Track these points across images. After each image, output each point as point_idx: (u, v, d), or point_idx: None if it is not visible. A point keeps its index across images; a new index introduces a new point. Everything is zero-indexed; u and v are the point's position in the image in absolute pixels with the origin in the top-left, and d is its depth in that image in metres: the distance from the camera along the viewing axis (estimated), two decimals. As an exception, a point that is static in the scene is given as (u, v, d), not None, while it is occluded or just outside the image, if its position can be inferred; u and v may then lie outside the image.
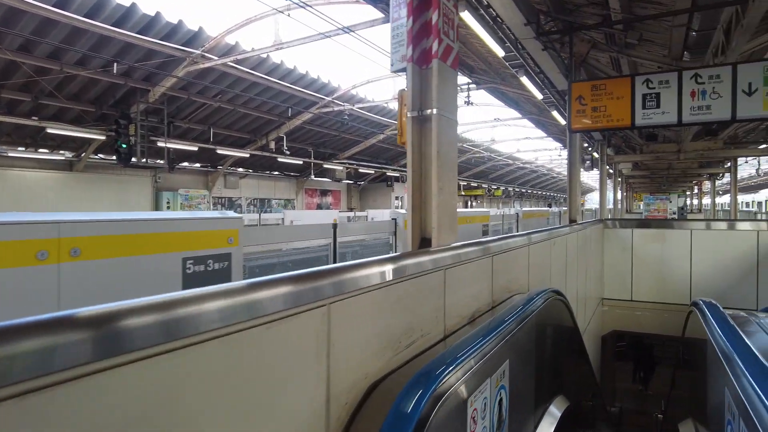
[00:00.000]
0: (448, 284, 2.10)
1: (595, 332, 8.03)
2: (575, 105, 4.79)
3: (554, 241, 4.23)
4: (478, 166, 33.90)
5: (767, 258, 7.57)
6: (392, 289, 1.71)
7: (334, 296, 1.34)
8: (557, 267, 4.45)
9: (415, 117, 2.43)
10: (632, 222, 8.66)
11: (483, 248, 2.58)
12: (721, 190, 31.34)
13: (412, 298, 1.83)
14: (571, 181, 6.57)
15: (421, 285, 1.90)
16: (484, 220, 9.07)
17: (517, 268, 3.22)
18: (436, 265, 2.02)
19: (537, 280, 3.68)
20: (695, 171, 15.75)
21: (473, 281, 2.44)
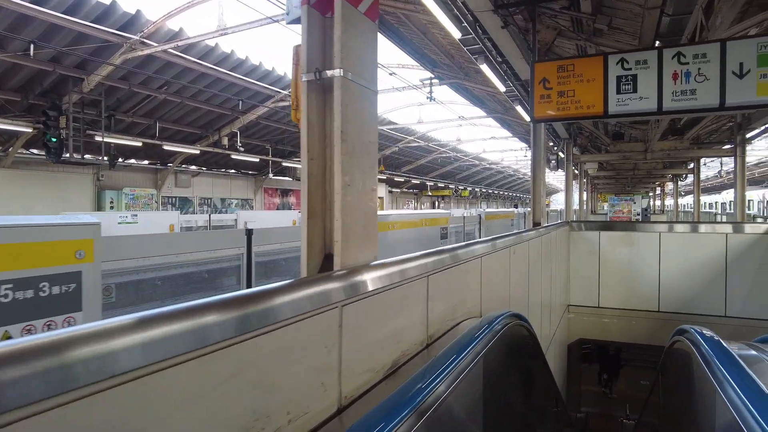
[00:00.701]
0: (347, 326, 1.39)
1: (561, 341, 7.56)
2: (539, 89, 4.11)
3: (514, 248, 3.59)
4: (445, 167, 33.54)
5: (736, 262, 7.25)
6: (232, 352, 0.99)
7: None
8: (518, 277, 3.82)
9: (311, 81, 1.70)
10: (599, 224, 8.22)
11: (414, 266, 1.88)
12: (684, 191, 31.92)
13: (275, 360, 1.11)
14: (535, 180, 5.99)
15: (297, 335, 1.19)
16: (443, 223, 8.46)
17: (466, 287, 2.54)
18: (327, 300, 1.30)
19: (493, 298, 3.03)
20: (660, 172, 15.66)
21: (395, 314, 1.73)
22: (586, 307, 8.06)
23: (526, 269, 4.15)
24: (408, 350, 1.81)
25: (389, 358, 1.67)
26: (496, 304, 3.07)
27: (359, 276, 1.51)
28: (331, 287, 1.34)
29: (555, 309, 6.65)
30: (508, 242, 3.32)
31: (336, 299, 1.34)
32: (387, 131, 20.82)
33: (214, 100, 14.76)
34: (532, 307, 4.50)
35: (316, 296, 1.26)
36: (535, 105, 4.15)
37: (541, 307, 5.12)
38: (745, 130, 9.15)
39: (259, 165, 20.73)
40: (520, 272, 3.92)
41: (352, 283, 1.46)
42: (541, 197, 6.06)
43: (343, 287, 1.41)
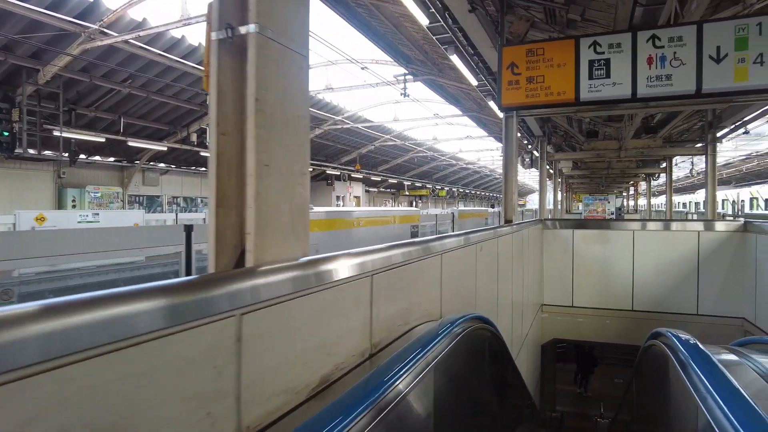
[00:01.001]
0: (250, 339, 1.09)
1: (534, 341, 7.39)
2: (506, 75, 3.87)
3: (481, 245, 3.35)
4: (422, 166, 33.41)
5: (707, 260, 7.19)
6: (45, 382, 0.69)
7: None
8: (486, 277, 3.58)
9: (224, 40, 1.40)
10: (573, 222, 8.08)
11: (352, 264, 1.59)
12: (657, 191, 32.45)
13: (127, 390, 0.82)
14: (507, 176, 5.78)
15: (163, 354, 0.89)
16: (414, 221, 8.21)
17: (423, 287, 2.27)
18: (215, 308, 1.01)
19: (457, 299, 2.77)
20: (633, 171, 15.75)
21: (324, 321, 1.44)
22: (560, 306, 7.91)
23: (495, 268, 3.92)
24: (344, 363, 1.53)
25: (316, 375, 1.38)
26: (460, 305, 2.82)
27: (271, 277, 1.22)
28: (222, 291, 1.04)
29: (528, 309, 6.47)
30: (473, 239, 3.07)
31: (231, 306, 1.04)
32: (362, 129, 20.52)
33: (182, 95, 14.23)
34: (503, 308, 4.28)
35: (196, 303, 0.96)
36: (503, 92, 3.91)
37: (512, 308, 4.91)
38: (716, 128, 9.15)
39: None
40: (489, 271, 3.68)
41: (260, 285, 1.16)
42: (513, 194, 5.85)
43: (247, 290, 1.12)
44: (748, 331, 6.78)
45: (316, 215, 5.74)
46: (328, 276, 1.44)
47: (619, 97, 3.58)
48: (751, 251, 6.75)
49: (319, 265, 1.44)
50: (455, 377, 2.06)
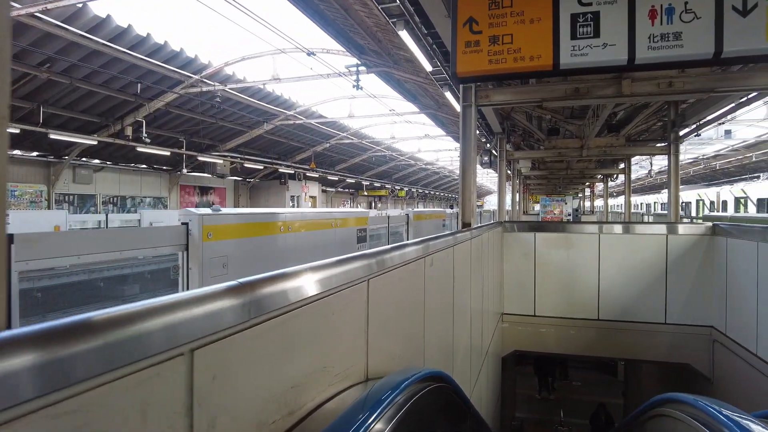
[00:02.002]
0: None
1: (494, 353, 6.75)
2: (463, 34, 2.96)
3: (432, 258, 2.57)
4: (381, 166, 32.69)
5: (676, 264, 6.74)
6: None
7: None
8: (438, 297, 2.81)
9: None
10: (534, 224, 7.48)
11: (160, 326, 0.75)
12: (615, 192, 32.88)
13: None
14: (465, 174, 5.06)
15: None
16: (361, 224, 7.29)
17: (333, 335, 1.45)
18: None
19: (394, 340, 1.97)
20: (592, 171, 15.54)
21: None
22: (522, 315, 7.32)
23: (449, 283, 3.17)
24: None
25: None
26: (400, 350, 2.02)
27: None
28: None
29: (488, 319, 5.80)
30: (419, 251, 2.27)
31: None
32: (316, 125, 19.54)
33: (113, 84, 12.86)
34: (459, 324, 3.56)
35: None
36: (458, 56, 3.06)
37: (470, 322, 4.19)
38: (679, 127, 8.80)
39: (173, 160, 18.77)
40: (442, 289, 2.92)
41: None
42: (472, 194, 5.14)
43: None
44: (717, 340, 6.39)
45: (224, 219, 4.70)
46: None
47: (612, 62, 2.74)
48: (721, 256, 6.34)
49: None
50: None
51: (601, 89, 4.81)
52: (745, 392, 5.53)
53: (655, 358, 6.77)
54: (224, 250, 4.43)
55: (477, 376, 4.91)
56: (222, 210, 4.82)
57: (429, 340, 2.49)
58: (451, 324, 3.21)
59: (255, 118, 17.33)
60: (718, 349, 6.27)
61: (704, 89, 4.45)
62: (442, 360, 2.93)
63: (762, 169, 27.37)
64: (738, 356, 5.82)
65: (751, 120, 24.58)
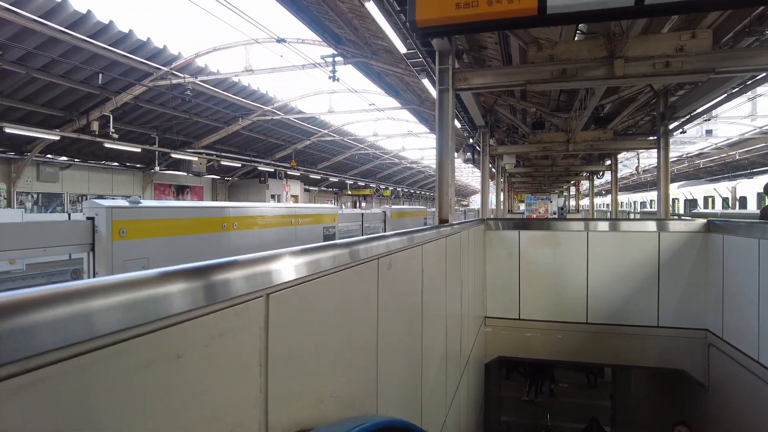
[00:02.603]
0: None
1: (477, 359, 6.27)
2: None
3: (389, 259, 2.04)
4: (365, 164, 32.14)
5: (669, 263, 6.32)
6: None
7: None
8: (397, 305, 2.28)
9: None
10: (520, 222, 7.03)
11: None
12: (605, 190, 32.68)
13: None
14: (441, 165, 4.55)
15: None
16: (328, 221, 6.62)
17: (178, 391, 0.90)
18: None
19: (321, 373, 1.44)
20: (578, 168, 15.16)
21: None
22: (506, 319, 6.87)
23: (417, 287, 2.65)
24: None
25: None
26: (335, 386, 1.48)
27: None
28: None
29: (468, 324, 5.31)
30: (365, 251, 1.73)
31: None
32: (296, 122, 18.90)
33: (75, 75, 12.09)
34: (430, 333, 3.04)
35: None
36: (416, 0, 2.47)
37: (446, 329, 3.68)
38: (669, 120, 8.41)
39: (146, 157, 17.98)
40: (405, 296, 2.39)
41: None
42: (449, 186, 4.62)
43: None
44: (713, 344, 5.99)
45: (143, 213, 3.93)
46: None
47: (614, 5, 2.25)
48: (717, 254, 5.94)
49: None
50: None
51: (591, 70, 4.34)
52: (744, 400, 5.18)
53: (647, 363, 6.36)
54: (144, 251, 3.78)
55: (456, 387, 4.43)
56: (142, 202, 4.16)
57: (385, 365, 1.96)
58: (420, 335, 2.70)
59: (231, 114, 16.64)
60: (714, 353, 5.89)
61: (704, 69, 4.00)
62: (406, 388, 2.41)
63: (744, 167, 27.39)
64: (736, 362, 5.44)
65: (734, 117, 24.54)
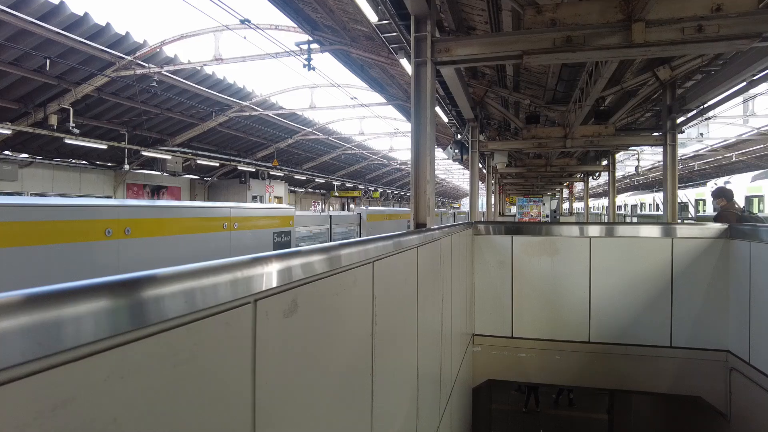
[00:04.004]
0: None
1: (464, 383, 5.39)
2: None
3: (339, 279, 1.14)
4: (352, 165, 31.21)
5: (684, 274, 5.48)
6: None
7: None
8: (358, 332, 1.38)
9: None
10: (512, 227, 6.17)
11: None
12: (597, 193, 31.98)
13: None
14: (419, 158, 3.65)
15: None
16: (283, 225, 5.52)
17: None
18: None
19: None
20: (574, 168, 14.36)
21: None
22: (497, 337, 6.03)
23: (368, 309, 1.75)
24: None
25: None
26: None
27: None
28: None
29: (453, 344, 4.43)
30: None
31: None
32: (276, 119, 17.93)
33: (27, 63, 11.04)
34: (395, 366, 2.18)
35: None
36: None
37: (417, 356, 2.80)
38: (677, 113, 7.59)
39: (117, 155, 16.90)
40: (355, 324, 1.50)
41: None
42: (428, 183, 3.72)
43: None
44: (735, 368, 5.17)
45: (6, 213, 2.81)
46: None
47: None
48: (741, 264, 5.13)
49: None
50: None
51: (602, 37, 3.47)
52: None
53: (659, 389, 5.53)
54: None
55: (438, 423, 3.57)
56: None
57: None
58: (369, 375, 1.80)
59: (206, 109, 15.64)
60: (737, 379, 5.08)
61: (748, 34, 3.15)
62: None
63: (740, 170, 26.86)
64: (763, 389, 4.66)
65: (729, 118, 23.91)
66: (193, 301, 0.81)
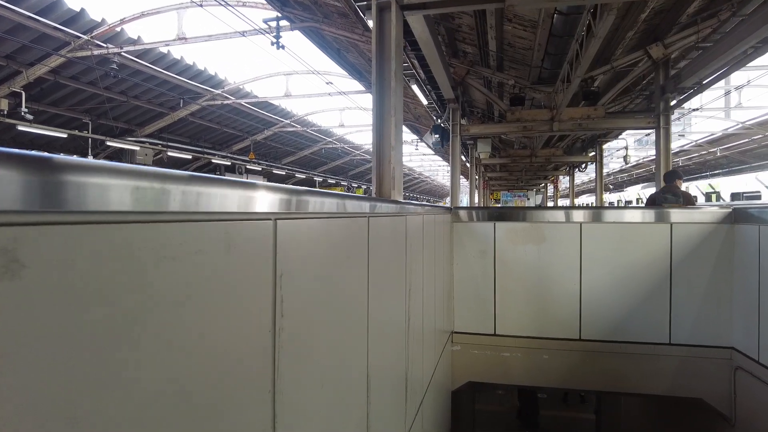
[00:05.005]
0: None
1: (441, 386, 4.81)
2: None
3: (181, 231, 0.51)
4: (335, 160, 30.46)
5: (684, 264, 4.99)
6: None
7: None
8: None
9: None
10: (495, 212, 5.60)
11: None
12: (581, 191, 31.67)
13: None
14: (382, 120, 3.02)
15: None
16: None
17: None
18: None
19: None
20: (560, 159, 13.88)
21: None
22: (478, 335, 5.48)
23: (267, 301, 1.12)
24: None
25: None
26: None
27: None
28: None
29: (427, 342, 3.82)
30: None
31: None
32: (251, 109, 17.15)
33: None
34: (336, 375, 1.55)
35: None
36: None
37: (367, 357, 2.17)
38: (671, 93, 7.08)
39: (79, 146, 15.95)
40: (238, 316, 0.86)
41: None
42: (392, 149, 3.08)
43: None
44: (741, 366, 4.69)
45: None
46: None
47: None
48: (748, 251, 4.63)
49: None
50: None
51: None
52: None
53: (657, 390, 5.03)
54: None
55: (416, 410, 3.02)
56: None
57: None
58: (269, 392, 1.15)
59: (176, 97, 14.80)
60: (743, 378, 4.68)
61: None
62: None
63: (723, 166, 26.76)
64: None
65: (712, 110, 23.67)
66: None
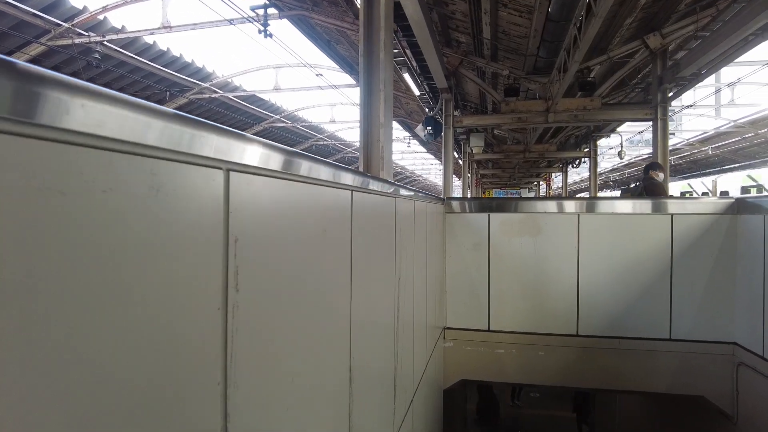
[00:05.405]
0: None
1: (433, 383, 4.59)
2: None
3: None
4: (327, 158, 30.12)
5: (685, 256, 4.82)
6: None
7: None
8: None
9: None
10: (489, 203, 5.38)
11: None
12: (573, 191, 31.52)
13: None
14: (371, 90, 2.78)
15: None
16: None
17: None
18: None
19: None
20: (554, 154, 13.71)
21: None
22: (472, 330, 5.28)
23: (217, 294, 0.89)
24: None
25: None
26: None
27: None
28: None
29: (418, 338, 3.60)
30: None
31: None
32: (240, 103, 16.82)
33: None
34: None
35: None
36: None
37: (348, 349, 1.93)
38: (669, 83, 6.90)
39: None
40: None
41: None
42: (381, 127, 2.85)
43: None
44: (744, 362, 4.53)
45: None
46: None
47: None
48: (752, 243, 4.48)
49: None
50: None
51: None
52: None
53: (657, 388, 4.86)
54: None
55: (405, 412, 2.86)
56: None
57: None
58: (219, 383, 0.92)
59: (163, 90, 14.45)
60: (746, 375, 4.48)
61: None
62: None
63: (714, 165, 26.76)
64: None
65: (704, 108, 23.61)
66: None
